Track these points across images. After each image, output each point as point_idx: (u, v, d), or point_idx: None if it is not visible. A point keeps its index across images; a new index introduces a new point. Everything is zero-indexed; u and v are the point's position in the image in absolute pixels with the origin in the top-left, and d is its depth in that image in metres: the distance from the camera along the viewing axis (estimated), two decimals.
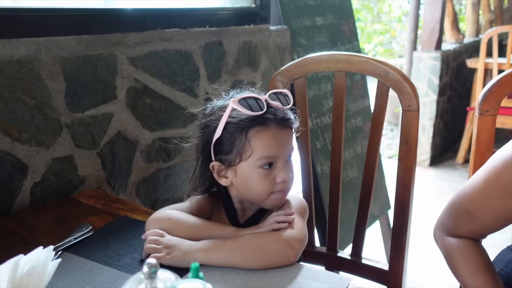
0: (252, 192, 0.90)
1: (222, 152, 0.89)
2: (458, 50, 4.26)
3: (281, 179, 0.88)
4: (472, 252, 0.91)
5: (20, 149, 1.10)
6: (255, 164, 0.87)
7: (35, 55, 1.10)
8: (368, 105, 2.46)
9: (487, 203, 0.88)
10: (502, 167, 0.85)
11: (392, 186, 1.26)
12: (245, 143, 0.86)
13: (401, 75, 1.15)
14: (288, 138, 0.90)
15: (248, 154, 0.86)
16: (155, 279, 0.47)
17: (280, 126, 0.88)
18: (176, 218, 0.88)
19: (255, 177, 0.88)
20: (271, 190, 0.89)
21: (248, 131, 0.86)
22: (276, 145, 0.87)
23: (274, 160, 0.88)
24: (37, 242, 0.88)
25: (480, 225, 0.90)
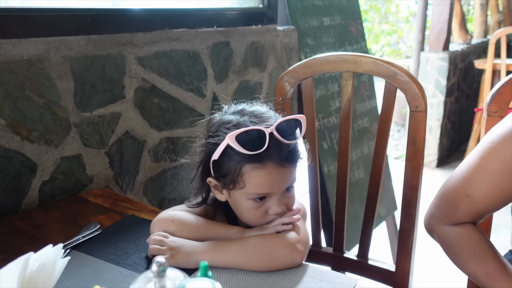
0: (244, 219, 0.88)
1: (218, 173, 0.86)
2: (466, 51, 4.24)
3: (274, 212, 0.84)
4: (474, 238, 0.86)
5: (29, 148, 1.11)
6: (246, 196, 0.84)
7: (45, 55, 1.11)
8: (375, 105, 2.45)
9: (488, 181, 0.83)
10: (501, 141, 0.81)
11: (399, 187, 1.26)
12: (238, 176, 0.82)
13: (408, 75, 1.15)
14: (288, 174, 0.84)
15: (241, 186, 0.83)
16: (164, 277, 0.47)
17: (279, 164, 0.82)
18: (179, 220, 0.87)
19: (247, 207, 0.85)
20: (265, 221, 0.86)
21: (243, 165, 0.81)
22: (271, 184, 0.83)
23: (267, 195, 0.84)
24: (45, 240, 0.89)
25: (481, 207, 0.85)
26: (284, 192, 0.85)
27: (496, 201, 0.84)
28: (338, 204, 1.33)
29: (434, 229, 0.93)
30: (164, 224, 0.88)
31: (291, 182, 0.86)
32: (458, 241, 0.88)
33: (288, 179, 0.85)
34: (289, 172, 0.84)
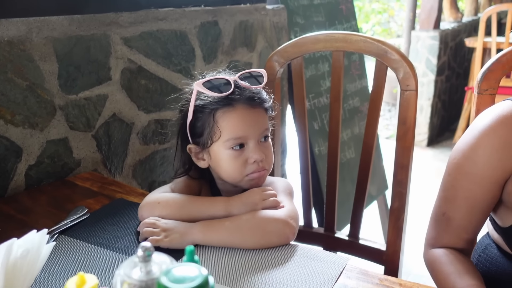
0: (226, 174, 0.90)
1: (196, 135, 0.90)
2: (457, 29, 4.23)
3: (253, 159, 0.87)
4: (458, 259, 0.88)
5: (13, 131, 1.09)
6: (224, 145, 0.87)
7: (26, 36, 1.08)
8: (366, 85, 2.44)
9: (456, 196, 0.88)
10: (461, 156, 0.87)
11: (390, 167, 1.26)
12: (213, 125, 0.86)
13: (399, 54, 1.13)
14: (259, 117, 0.88)
15: (218, 136, 0.86)
16: (149, 262, 0.46)
17: (248, 105, 0.87)
18: (165, 201, 0.87)
19: (226, 158, 0.87)
20: (245, 172, 0.88)
21: (215, 113, 0.86)
22: (244, 126, 0.86)
23: (244, 140, 0.87)
24: (33, 225, 0.88)
25: (457, 225, 0.89)
26: (260, 141, 0.89)
27: (469, 215, 0.87)
28: (329, 184, 1.33)
29: (424, 256, 0.96)
30: (151, 207, 0.87)
31: (263, 127, 0.89)
32: (441, 259, 0.89)
33: (260, 122, 0.88)
34: (259, 114, 0.88)
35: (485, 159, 0.83)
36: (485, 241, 1.01)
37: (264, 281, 0.73)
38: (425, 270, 0.96)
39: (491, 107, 0.89)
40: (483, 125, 0.85)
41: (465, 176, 0.86)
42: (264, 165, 0.89)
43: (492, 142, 0.82)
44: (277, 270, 0.76)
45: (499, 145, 0.82)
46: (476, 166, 0.84)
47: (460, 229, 0.89)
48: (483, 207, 0.86)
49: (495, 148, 0.82)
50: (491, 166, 0.83)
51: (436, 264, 0.90)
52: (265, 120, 0.90)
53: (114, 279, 0.47)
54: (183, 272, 0.42)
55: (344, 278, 0.75)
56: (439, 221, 0.92)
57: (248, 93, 0.87)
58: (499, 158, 0.82)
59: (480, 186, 0.85)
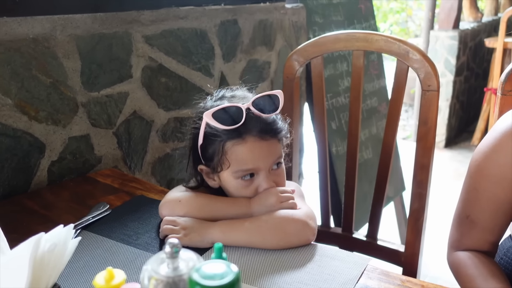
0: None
1: (206, 159, 0.88)
2: (476, 29, 4.17)
3: (263, 189, 0.85)
4: (484, 262, 0.86)
5: (37, 128, 1.11)
6: (234, 175, 0.85)
7: (51, 33, 1.10)
8: (384, 85, 2.42)
9: (478, 198, 0.87)
10: (483, 158, 0.86)
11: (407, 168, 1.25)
12: (222, 155, 0.84)
13: (421, 54, 1.12)
14: (271, 148, 0.85)
15: (227, 166, 0.84)
16: (177, 258, 0.47)
17: (260, 138, 0.83)
18: (186, 199, 0.87)
19: (236, 186, 0.86)
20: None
21: (225, 144, 0.83)
22: (254, 158, 0.83)
23: (254, 171, 0.85)
24: (55, 220, 0.89)
25: (481, 227, 0.88)
26: (272, 169, 0.86)
27: (492, 217, 0.86)
28: (348, 184, 1.32)
29: (448, 258, 0.95)
30: (172, 205, 0.88)
31: (275, 156, 0.86)
32: (466, 262, 0.88)
33: (272, 153, 0.85)
34: (271, 145, 0.85)
35: (507, 160, 0.82)
36: (507, 243, 1.00)
37: (285, 280, 0.73)
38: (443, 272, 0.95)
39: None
40: (505, 126, 0.84)
41: (487, 178, 0.86)
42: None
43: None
44: (298, 270, 0.76)
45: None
46: (498, 168, 0.83)
47: (484, 232, 0.88)
48: (507, 208, 0.85)
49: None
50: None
51: (461, 267, 0.89)
52: (277, 150, 0.87)
53: (141, 274, 0.47)
54: (213, 269, 0.42)
55: (365, 278, 0.75)
56: (463, 224, 0.91)
57: (260, 124, 0.83)
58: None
59: (502, 187, 0.84)
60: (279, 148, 0.87)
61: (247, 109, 0.82)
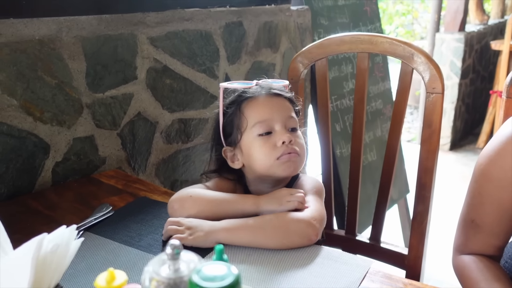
0: (257, 162, 0.91)
1: (228, 136, 0.95)
2: (483, 32, 4.15)
3: (281, 141, 0.89)
4: (488, 266, 0.86)
5: (42, 128, 1.11)
6: (252, 132, 0.91)
7: (56, 35, 1.10)
8: (389, 87, 2.42)
9: (484, 203, 0.87)
10: (487, 162, 0.85)
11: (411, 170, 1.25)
12: (240, 116, 0.92)
13: (426, 56, 1.12)
14: (282, 104, 0.94)
15: (245, 125, 0.91)
16: (178, 260, 0.47)
17: (270, 95, 0.94)
18: (196, 195, 0.88)
19: (256, 145, 0.91)
20: (275, 155, 0.90)
21: (241, 105, 0.93)
22: (268, 110, 0.91)
23: (269, 125, 0.91)
24: (59, 221, 0.90)
25: (486, 231, 0.88)
26: (288, 130, 0.92)
27: (498, 221, 0.86)
28: (351, 186, 1.32)
29: (453, 261, 0.94)
30: (182, 200, 0.88)
31: (288, 112, 0.93)
32: (470, 266, 0.88)
33: (284, 108, 0.93)
34: (282, 102, 0.94)
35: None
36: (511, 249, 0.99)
37: (288, 281, 0.73)
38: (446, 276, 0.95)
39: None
40: (510, 130, 0.83)
41: (492, 182, 0.85)
42: (293, 147, 0.90)
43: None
44: (300, 271, 0.76)
45: None
46: (504, 172, 0.83)
47: (489, 236, 0.88)
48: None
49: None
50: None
51: (466, 271, 0.88)
52: (289, 108, 0.95)
53: (142, 276, 0.48)
54: (214, 271, 0.42)
55: (368, 281, 0.75)
56: (468, 228, 0.91)
57: (269, 87, 0.95)
58: None
59: (507, 192, 0.83)
60: (291, 109, 0.95)
61: (256, 83, 0.95)
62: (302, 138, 0.95)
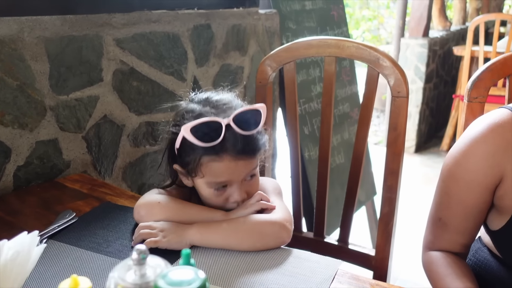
0: (205, 202, 0.89)
1: (182, 161, 0.87)
2: (445, 38, 4.28)
3: (233, 200, 0.86)
4: (455, 262, 0.89)
5: (2, 131, 1.07)
6: (206, 184, 0.85)
7: (18, 35, 1.07)
8: (356, 91, 2.46)
9: (450, 202, 0.90)
10: (453, 163, 0.88)
11: (378, 172, 1.27)
12: (198, 166, 0.83)
13: (391, 61, 1.14)
14: (246, 165, 0.84)
15: (201, 176, 0.84)
16: (144, 265, 0.46)
17: (237, 156, 0.82)
18: (165, 202, 0.87)
19: (208, 194, 0.87)
20: (226, 206, 0.87)
21: (202, 157, 0.82)
22: (228, 174, 0.83)
23: (227, 183, 0.85)
24: (21, 227, 0.87)
25: (453, 230, 0.90)
26: (245, 180, 0.86)
27: (463, 220, 0.89)
28: (319, 189, 1.33)
29: (422, 258, 0.97)
30: (150, 206, 0.87)
31: (250, 171, 0.86)
32: (438, 261, 0.91)
33: (247, 169, 0.85)
34: (247, 163, 0.85)
35: (477, 166, 0.84)
36: (476, 245, 1.03)
37: (260, 282, 0.73)
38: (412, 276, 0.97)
39: (483, 115, 0.91)
40: (474, 132, 0.86)
41: (458, 182, 0.88)
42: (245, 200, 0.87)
43: (483, 150, 0.84)
44: (273, 272, 0.76)
45: (489, 152, 0.83)
46: (468, 173, 0.86)
47: (455, 234, 0.91)
48: (476, 212, 0.88)
49: (486, 155, 0.83)
50: (482, 172, 0.84)
51: (433, 265, 0.91)
52: (253, 164, 0.86)
53: (108, 282, 0.46)
54: (180, 276, 0.42)
55: (336, 282, 0.75)
56: (436, 226, 0.93)
57: (238, 143, 0.82)
58: (490, 165, 0.83)
59: (472, 192, 0.86)
60: (255, 163, 0.87)
61: (227, 125, 0.81)
62: (257, 179, 0.89)
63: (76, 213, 0.96)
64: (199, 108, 0.86)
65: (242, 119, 0.82)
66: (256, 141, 0.85)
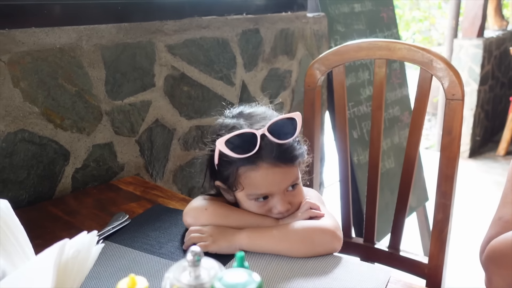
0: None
1: (221, 177, 0.87)
2: (502, 38, 4.10)
3: (277, 211, 0.85)
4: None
5: (62, 135, 1.13)
6: (248, 196, 0.85)
7: (77, 43, 1.12)
8: (406, 94, 2.40)
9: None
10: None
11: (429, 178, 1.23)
12: (236, 179, 0.83)
13: (445, 62, 1.11)
14: (286, 174, 0.83)
15: (241, 189, 0.84)
16: (199, 267, 0.47)
17: (274, 164, 0.81)
18: (213, 208, 0.87)
19: (251, 206, 0.86)
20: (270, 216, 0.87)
21: (239, 168, 0.82)
22: (267, 184, 0.83)
23: (268, 195, 0.84)
24: (79, 227, 0.91)
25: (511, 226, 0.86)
26: (287, 190, 0.85)
27: None
28: (369, 194, 1.31)
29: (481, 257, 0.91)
30: (197, 213, 0.88)
31: (291, 180, 0.85)
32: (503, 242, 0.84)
33: (287, 178, 0.84)
34: (286, 172, 0.83)
35: None
36: None
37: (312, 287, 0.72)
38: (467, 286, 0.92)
39: None
40: None
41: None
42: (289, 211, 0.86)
43: None
44: (323, 277, 0.75)
45: None
46: None
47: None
48: None
49: None
50: None
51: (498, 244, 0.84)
52: (293, 174, 0.85)
53: (163, 282, 0.48)
54: (235, 278, 0.42)
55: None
56: (495, 225, 0.89)
57: (275, 151, 0.81)
58: None
59: None
60: (295, 172, 0.86)
61: (262, 135, 0.80)
62: (300, 190, 0.88)
63: (129, 215, 0.99)
64: (233, 122, 0.86)
65: (277, 128, 0.81)
66: (292, 148, 0.84)
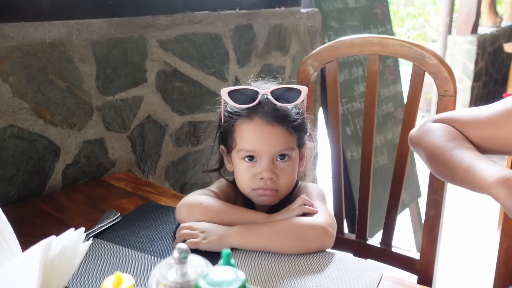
0: (238, 182, 0.91)
1: (224, 139, 0.92)
2: (495, 34, 4.11)
3: (261, 176, 0.86)
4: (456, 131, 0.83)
5: (52, 131, 1.12)
6: (238, 155, 0.88)
7: (67, 38, 1.11)
8: (400, 90, 2.40)
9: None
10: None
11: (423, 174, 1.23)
12: (232, 134, 0.88)
13: (438, 58, 1.11)
14: (277, 135, 0.85)
15: (234, 145, 0.88)
16: (185, 264, 0.46)
17: (267, 122, 0.85)
18: (207, 203, 0.87)
19: (239, 167, 0.89)
20: (252, 185, 0.88)
21: (235, 121, 0.87)
22: (257, 141, 0.85)
23: (255, 154, 0.86)
24: (69, 223, 0.90)
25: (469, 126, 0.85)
26: (276, 160, 0.86)
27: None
28: (362, 190, 1.31)
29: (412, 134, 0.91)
30: (191, 207, 0.87)
31: (280, 145, 0.86)
32: (436, 126, 0.85)
33: (277, 141, 0.85)
34: (277, 132, 0.85)
35: None
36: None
37: (303, 285, 0.72)
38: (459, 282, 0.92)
39: None
40: None
41: None
42: (272, 185, 0.87)
43: None
44: (316, 274, 0.75)
45: None
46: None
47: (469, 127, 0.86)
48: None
49: None
50: None
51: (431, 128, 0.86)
52: (285, 139, 0.86)
53: (149, 280, 0.47)
54: (221, 276, 0.42)
55: (379, 286, 0.73)
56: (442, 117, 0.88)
57: (271, 109, 0.85)
58: None
59: None
60: (287, 139, 0.87)
61: (264, 95, 0.85)
62: (290, 167, 0.88)
63: (120, 211, 0.98)
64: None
65: (280, 93, 0.86)
66: (289, 112, 0.87)
